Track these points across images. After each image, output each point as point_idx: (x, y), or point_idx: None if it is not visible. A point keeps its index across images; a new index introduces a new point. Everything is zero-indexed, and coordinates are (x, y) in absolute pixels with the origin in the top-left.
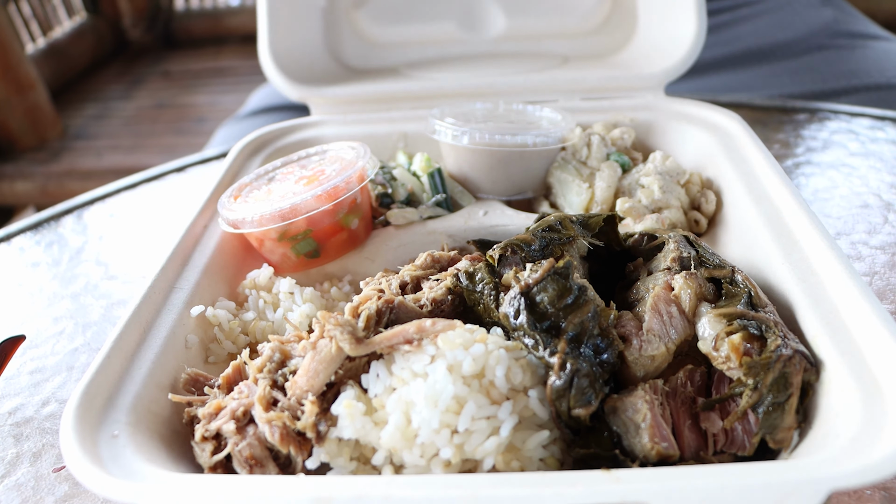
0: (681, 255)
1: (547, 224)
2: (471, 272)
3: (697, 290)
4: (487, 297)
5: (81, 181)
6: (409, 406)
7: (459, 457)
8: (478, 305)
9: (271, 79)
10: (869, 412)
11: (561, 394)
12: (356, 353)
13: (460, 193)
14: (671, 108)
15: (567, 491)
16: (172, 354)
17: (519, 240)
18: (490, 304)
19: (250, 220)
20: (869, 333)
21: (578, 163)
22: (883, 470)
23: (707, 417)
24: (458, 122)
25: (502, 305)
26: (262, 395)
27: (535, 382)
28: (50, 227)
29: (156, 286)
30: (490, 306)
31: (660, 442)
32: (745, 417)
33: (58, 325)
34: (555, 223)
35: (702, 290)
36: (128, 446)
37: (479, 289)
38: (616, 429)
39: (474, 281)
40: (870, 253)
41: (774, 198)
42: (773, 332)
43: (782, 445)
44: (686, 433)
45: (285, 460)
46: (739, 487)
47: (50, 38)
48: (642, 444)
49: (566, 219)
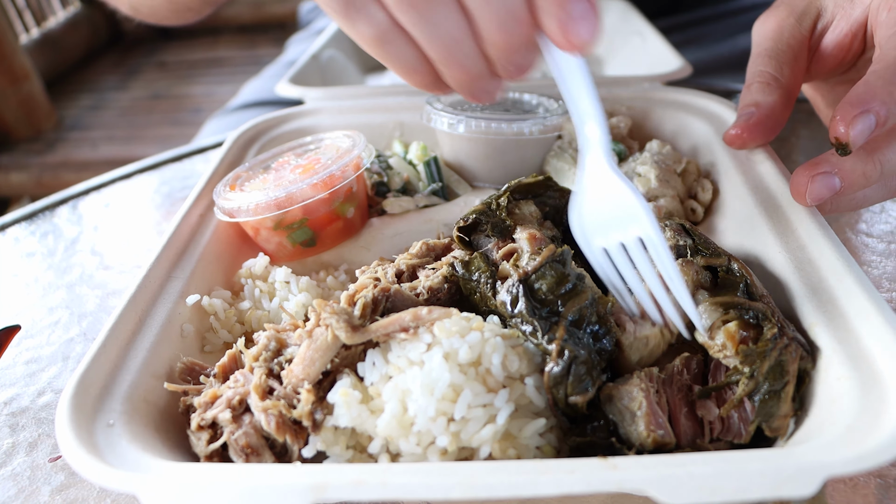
0: (677, 243)
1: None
2: (467, 261)
3: (694, 278)
4: (484, 285)
5: (76, 172)
6: (406, 394)
7: (456, 444)
8: (474, 294)
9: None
10: (866, 400)
11: (558, 381)
12: (352, 342)
13: (456, 182)
14: (668, 97)
15: (564, 478)
16: (168, 344)
17: (473, 211)
18: (487, 292)
19: (246, 209)
20: (866, 322)
21: (575, 151)
22: (878, 457)
23: (703, 405)
24: (455, 111)
25: (499, 293)
26: (257, 383)
27: (531, 370)
28: (45, 218)
29: (151, 275)
30: (487, 295)
31: (656, 430)
32: (741, 406)
33: (53, 315)
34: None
35: (698, 278)
36: (123, 435)
37: (476, 277)
38: (612, 417)
39: (470, 270)
40: (867, 241)
41: (771, 186)
42: (770, 320)
43: (778, 433)
44: (682, 421)
45: (281, 449)
46: (736, 474)
47: (44, 28)
48: (638, 431)
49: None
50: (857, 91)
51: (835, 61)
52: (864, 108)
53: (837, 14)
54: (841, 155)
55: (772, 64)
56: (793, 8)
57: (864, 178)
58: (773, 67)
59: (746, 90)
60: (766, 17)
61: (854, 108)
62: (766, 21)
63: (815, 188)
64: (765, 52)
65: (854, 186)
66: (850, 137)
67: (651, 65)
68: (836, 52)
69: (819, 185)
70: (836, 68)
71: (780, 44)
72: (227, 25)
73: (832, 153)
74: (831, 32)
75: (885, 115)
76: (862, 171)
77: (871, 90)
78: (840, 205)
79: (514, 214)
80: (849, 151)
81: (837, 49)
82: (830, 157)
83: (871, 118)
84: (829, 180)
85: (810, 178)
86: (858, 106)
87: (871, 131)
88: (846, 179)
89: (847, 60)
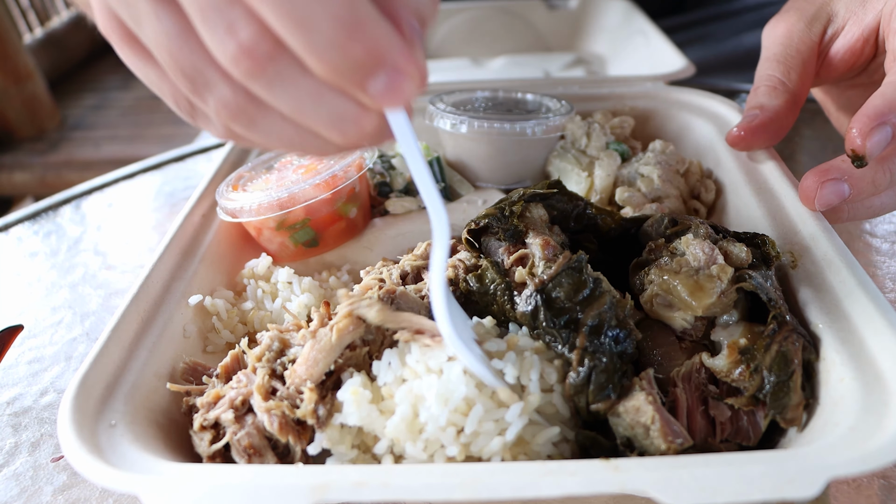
0: (712, 238)
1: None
2: (479, 274)
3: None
4: (501, 297)
5: (80, 171)
6: (419, 400)
7: (464, 454)
8: (492, 306)
9: None
10: (868, 402)
11: (579, 389)
12: (384, 322)
13: (459, 182)
14: (671, 97)
15: (566, 480)
16: (170, 344)
17: (485, 215)
18: (505, 304)
19: (248, 209)
20: (869, 323)
21: (578, 151)
22: (881, 458)
23: (716, 406)
24: (458, 111)
25: (519, 304)
26: (260, 384)
27: (558, 379)
28: (48, 217)
29: (153, 275)
30: (505, 307)
31: (674, 439)
32: (750, 409)
33: (56, 314)
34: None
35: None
36: (125, 435)
37: (492, 290)
38: (624, 432)
39: (484, 283)
40: (870, 241)
41: (774, 187)
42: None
43: (793, 423)
44: (698, 419)
45: (284, 449)
46: (738, 476)
47: (48, 28)
48: (656, 446)
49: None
50: (873, 102)
51: (845, 66)
52: (881, 120)
53: (849, 19)
54: (857, 167)
55: (780, 69)
56: (803, 13)
57: (873, 186)
58: (780, 72)
59: (753, 93)
60: (776, 22)
61: (871, 120)
62: (777, 26)
63: (825, 194)
64: (773, 57)
65: (863, 193)
66: (867, 149)
67: (654, 64)
68: (847, 56)
69: (828, 191)
70: (847, 73)
71: (789, 49)
72: None
73: (842, 159)
74: (843, 37)
75: None
76: (871, 178)
77: (888, 102)
78: (857, 213)
79: (524, 217)
80: (865, 163)
81: (849, 54)
82: (840, 164)
83: (887, 130)
84: (839, 187)
85: (820, 184)
86: (875, 118)
87: (887, 143)
88: (855, 186)
89: (858, 65)
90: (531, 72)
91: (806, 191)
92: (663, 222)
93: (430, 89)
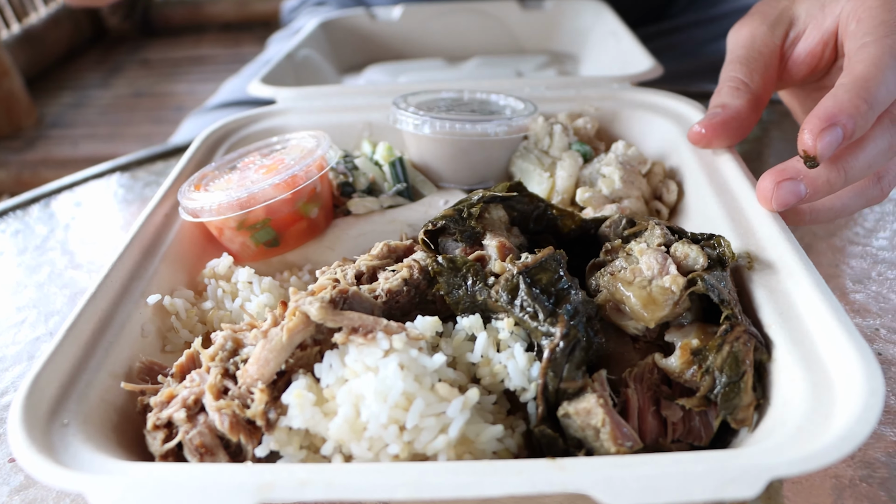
0: (668, 240)
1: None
2: (451, 258)
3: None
4: (474, 281)
5: (56, 170)
6: (359, 399)
7: (408, 452)
8: (458, 289)
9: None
10: (817, 402)
11: (558, 363)
12: (324, 319)
13: (422, 182)
14: (636, 98)
15: (510, 479)
16: (128, 343)
17: (443, 216)
18: (475, 288)
19: (209, 209)
20: (820, 324)
21: (540, 152)
22: (824, 458)
23: (668, 406)
24: (420, 112)
25: (497, 286)
26: (212, 383)
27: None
28: (16, 216)
29: (112, 275)
30: (474, 291)
31: (623, 442)
32: (702, 409)
33: (20, 314)
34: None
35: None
36: (77, 435)
37: (463, 273)
38: (574, 434)
39: (457, 265)
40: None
41: (734, 189)
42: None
43: (744, 424)
44: (650, 419)
45: (236, 448)
46: (681, 475)
47: (25, 24)
48: (605, 448)
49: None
50: (824, 104)
51: (807, 69)
52: (832, 121)
53: (810, 23)
54: (809, 167)
55: (743, 70)
56: (766, 16)
57: (828, 186)
58: (743, 73)
59: (717, 93)
60: (740, 26)
61: (822, 121)
62: (740, 29)
63: (781, 194)
64: (737, 59)
65: (819, 193)
66: (818, 150)
67: (624, 65)
68: (808, 60)
69: (784, 191)
70: (809, 76)
71: (752, 51)
72: (211, 23)
73: (798, 160)
74: (804, 41)
75: (853, 129)
76: (826, 178)
77: (839, 103)
78: (818, 215)
79: (483, 218)
80: (817, 164)
81: (809, 57)
82: (796, 164)
83: (838, 131)
84: (795, 186)
85: (776, 184)
86: (826, 119)
87: (838, 144)
88: (811, 186)
89: (820, 68)
90: (504, 72)
91: (763, 191)
92: (621, 223)
93: (398, 90)
